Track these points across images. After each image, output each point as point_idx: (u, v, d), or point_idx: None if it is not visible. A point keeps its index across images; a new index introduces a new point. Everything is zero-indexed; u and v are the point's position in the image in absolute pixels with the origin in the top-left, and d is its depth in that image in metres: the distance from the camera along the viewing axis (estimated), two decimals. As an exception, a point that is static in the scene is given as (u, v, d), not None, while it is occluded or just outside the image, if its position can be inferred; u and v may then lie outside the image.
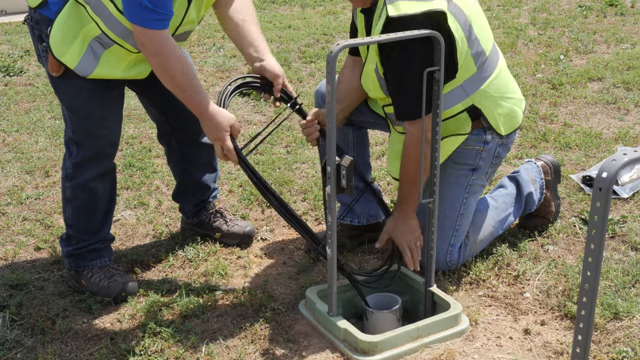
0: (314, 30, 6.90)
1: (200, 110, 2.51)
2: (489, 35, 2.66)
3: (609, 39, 6.17)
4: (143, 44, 2.41)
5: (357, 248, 3.04)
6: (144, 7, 2.32)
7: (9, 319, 2.60)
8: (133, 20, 2.36)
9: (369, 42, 2.22)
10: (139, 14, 2.34)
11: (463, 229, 2.75)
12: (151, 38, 2.38)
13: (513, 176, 3.01)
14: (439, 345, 2.38)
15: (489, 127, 2.65)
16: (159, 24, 2.38)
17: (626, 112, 4.46)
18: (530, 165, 3.08)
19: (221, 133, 2.51)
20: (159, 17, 2.36)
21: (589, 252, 1.54)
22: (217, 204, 3.15)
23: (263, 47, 2.69)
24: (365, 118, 2.92)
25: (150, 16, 2.34)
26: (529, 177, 3.00)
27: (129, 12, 2.36)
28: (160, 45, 2.40)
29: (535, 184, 3.01)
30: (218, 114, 2.51)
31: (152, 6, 2.32)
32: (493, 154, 2.72)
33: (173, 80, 2.47)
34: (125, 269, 2.92)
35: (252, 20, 2.72)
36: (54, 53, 2.49)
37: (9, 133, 4.49)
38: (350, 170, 2.20)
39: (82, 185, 2.71)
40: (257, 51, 2.68)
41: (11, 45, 6.77)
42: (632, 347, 2.32)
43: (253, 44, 2.69)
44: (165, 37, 2.41)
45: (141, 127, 4.52)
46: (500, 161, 2.80)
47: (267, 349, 2.40)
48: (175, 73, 2.45)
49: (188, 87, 2.48)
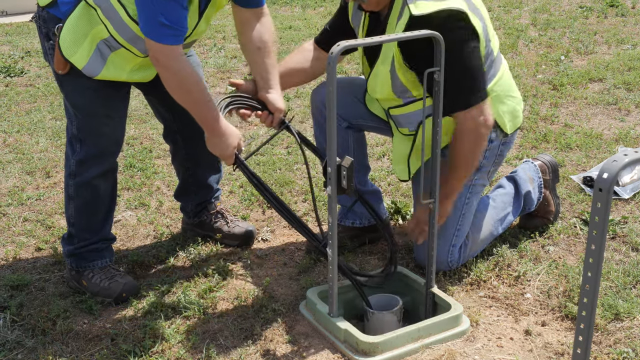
0: (315, 31, 6.90)
1: (213, 127, 2.50)
2: (495, 35, 2.70)
3: (609, 39, 6.17)
4: (157, 60, 2.41)
5: (358, 249, 3.04)
6: (161, 24, 2.33)
7: (10, 319, 2.60)
8: (149, 36, 2.37)
9: (370, 42, 2.21)
10: (157, 31, 2.35)
11: (464, 229, 2.75)
12: (167, 54, 2.39)
13: (511, 176, 3.02)
14: (440, 346, 2.38)
15: (493, 126, 2.65)
16: (175, 39, 2.39)
17: (627, 112, 4.46)
18: (527, 165, 3.09)
19: (229, 151, 2.53)
20: (174, 33, 2.37)
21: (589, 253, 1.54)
22: (218, 205, 3.15)
23: (273, 82, 2.71)
24: (366, 122, 2.92)
25: (167, 32, 2.35)
26: (527, 176, 3.01)
27: (145, 29, 2.37)
28: (175, 60, 2.41)
29: (534, 183, 3.02)
30: (227, 132, 2.51)
31: (169, 23, 2.34)
32: (496, 153, 2.73)
33: (189, 95, 2.47)
34: (126, 269, 2.92)
35: (268, 50, 2.72)
36: (63, 53, 2.50)
37: (9, 134, 4.49)
38: (351, 170, 2.20)
39: (85, 182, 2.71)
40: (266, 83, 2.70)
41: (12, 46, 6.77)
42: (633, 348, 2.32)
43: (264, 76, 2.70)
44: (180, 53, 2.43)
45: (142, 128, 4.52)
46: (502, 160, 2.81)
47: (267, 350, 2.40)
48: (191, 88, 2.46)
49: (203, 102, 2.48)
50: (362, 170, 3.01)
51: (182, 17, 2.38)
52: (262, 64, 2.71)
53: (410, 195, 3.47)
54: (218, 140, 2.52)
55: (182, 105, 2.51)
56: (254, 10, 2.70)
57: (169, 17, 2.33)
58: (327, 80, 2.12)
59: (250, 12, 2.70)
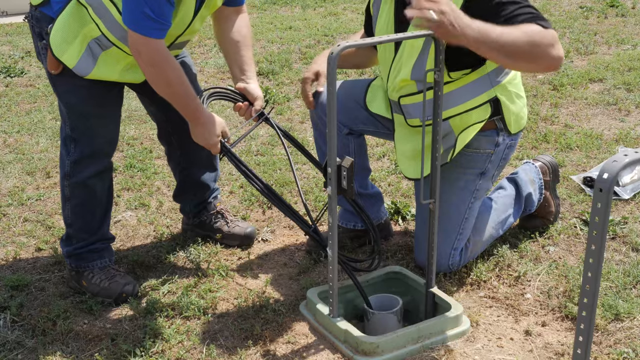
0: (315, 31, 6.91)
1: (196, 117, 2.57)
2: None
3: (609, 40, 6.17)
4: (139, 52, 2.43)
5: (358, 249, 3.04)
6: (146, 16, 2.35)
7: (10, 320, 2.60)
8: (133, 28, 2.38)
9: (370, 43, 2.21)
10: (141, 22, 2.37)
11: (466, 233, 2.74)
12: (150, 47, 2.41)
13: (512, 177, 3.01)
14: (440, 346, 2.38)
15: (501, 129, 2.64)
16: (159, 33, 2.41)
17: (627, 113, 4.46)
18: (528, 166, 3.08)
19: (213, 139, 2.60)
20: (159, 27, 2.40)
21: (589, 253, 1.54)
22: (218, 205, 3.15)
23: (251, 73, 2.82)
24: (367, 127, 2.92)
25: (152, 25, 2.37)
26: (528, 178, 3.00)
27: (129, 20, 2.38)
28: (157, 54, 2.44)
29: (534, 185, 3.01)
30: (210, 120, 2.58)
31: (155, 16, 2.36)
32: (501, 157, 2.71)
33: (169, 88, 2.51)
34: (126, 269, 2.92)
35: (246, 44, 2.84)
36: (54, 52, 2.50)
37: (9, 134, 4.49)
38: (351, 171, 2.20)
39: (80, 183, 2.71)
40: (244, 74, 2.81)
41: (12, 46, 6.77)
42: (633, 348, 2.32)
43: (242, 68, 2.81)
44: (163, 46, 2.45)
45: (142, 128, 4.52)
46: (505, 163, 2.79)
47: (267, 350, 2.40)
48: (172, 81, 2.49)
49: (183, 94, 2.53)
50: (362, 173, 3.01)
51: (168, 11, 2.40)
52: (241, 56, 2.81)
53: (410, 196, 3.47)
54: (202, 129, 2.58)
55: (164, 98, 2.55)
56: (235, 8, 2.83)
57: (155, 10, 2.35)
58: (327, 80, 2.11)
59: (231, 10, 2.82)
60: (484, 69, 2.54)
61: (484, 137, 2.64)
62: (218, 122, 2.61)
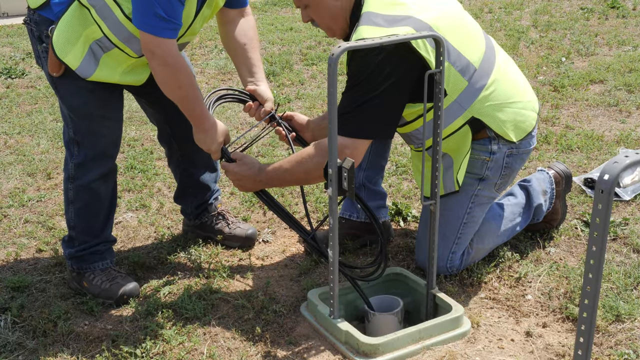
0: (316, 33, 6.90)
1: (201, 122, 2.57)
2: (476, 45, 2.57)
3: (610, 41, 6.17)
4: (153, 53, 2.42)
5: (359, 250, 3.04)
6: (158, 16, 2.34)
7: (11, 321, 2.60)
8: (145, 29, 2.38)
9: (371, 44, 2.21)
10: (153, 23, 2.36)
11: (466, 238, 2.73)
12: (163, 47, 2.41)
13: (524, 185, 2.96)
14: (441, 347, 2.38)
15: (494, 137, 2.60)
16: (172, 33, 2.41)
17: (628, 114, 4.46)
18: (542, 175, 3.01)
19: (214, 146, 2.62)
20: (171, 27, 2.40)
21: (590, 254, 1.54)
22: (219, 207, 3.15)
23: (260, 75, 2.83)
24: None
25: (164, 25, 2.37)
26: (540, 189, 2.95)
27: (141, 21, 2.37)
28: (171, 55, 2.43)
29: (546, 195, 2.96)
30: (213, 127, 2.59)
31: (167, 16, 2.36)
32: (501, 165, 2.66)
33: (180, 90, 2.50)
34: (127, 271, 2.92)
35: (253, 45, 2.84)
36: (57, 53, 2.50)
37: (10, 135, 4.50)
38: (352, 172, 2.20)
39: (84, 186, 2.71)
40: (253, 77, 2.81)
41: (13, 47, 6.78)
42: (634, 350, 2.32)
43: (251, 70, 2.82)
44: (175, 47, 2.45)
45: (143, 130, 4.52)
46: (511, 172, 2.71)
47: (268, 351, 2.40)
48: (183, 83, 2.49)
49: (193, 98, 2.53)
50: (375, 169, 3.01)
51: (179, 11, 2.40)
52: (249, 58, 2.82)
53: (410, 197, 3.47)
54: (204, 135, 2.60)
55: (171, 100, 2.55)
56: (239, 10, 2.82)
57: (167, 11, 2.35)
58: (328, 82, 2.11)
59: (236, 12, 2.81)
60: (449, 98, 2.50)
61: (477, 144, 2.62)
62: (221, 129, 2.61)
